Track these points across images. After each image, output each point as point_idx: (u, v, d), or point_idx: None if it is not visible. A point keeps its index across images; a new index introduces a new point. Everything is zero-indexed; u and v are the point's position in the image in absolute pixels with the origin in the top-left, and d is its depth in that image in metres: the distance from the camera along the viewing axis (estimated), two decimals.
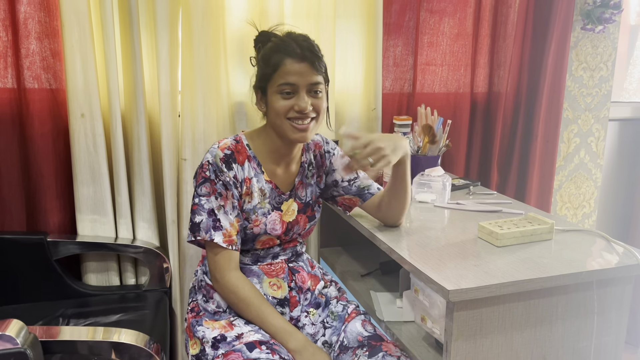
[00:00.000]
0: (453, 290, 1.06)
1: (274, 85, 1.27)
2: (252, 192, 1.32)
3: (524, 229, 1.32)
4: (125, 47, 1.83)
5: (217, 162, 1.27)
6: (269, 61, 1.28)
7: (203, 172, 1.28)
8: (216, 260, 1.28)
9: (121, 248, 1.91)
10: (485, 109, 2.36)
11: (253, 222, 1.32)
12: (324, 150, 1.49)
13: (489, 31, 2.27)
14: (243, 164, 1.31)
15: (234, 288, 1.28)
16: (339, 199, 1.53)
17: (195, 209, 1.28)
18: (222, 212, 1.27)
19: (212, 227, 1.27)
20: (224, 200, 1.27)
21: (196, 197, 1.28)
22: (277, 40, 1.31)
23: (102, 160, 1.84)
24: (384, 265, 1.84)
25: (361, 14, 2.11)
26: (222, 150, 1.29)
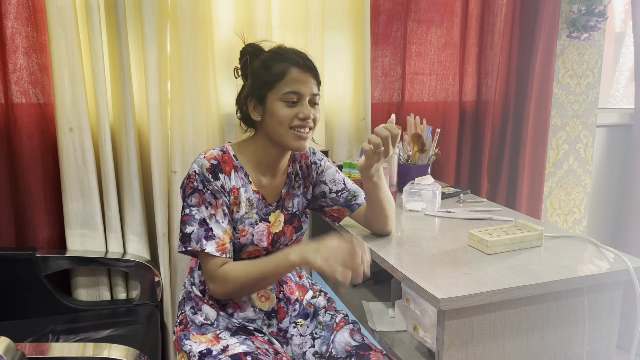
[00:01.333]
0: (444, 298, 1.06)
1: (278, 93, 1.27)
2: (240, 202, 1.32)
3: (513, 236, 1.33)
4: (113, 61, 1.83)
5: (203, 172, 1.27)
6: (270, 69, 1.28)
7: (191, 182, 1.27)
8: (210, 269, 1.26)
9: (111, 262, 1.90)
10: (474, 117, 2.37)
11: (240, 232, 1.32)
12: (311, 161, 1.49)
13: (476, 40, 2.29)
14: (230, 174, 1.31)
15: (225, 279, 1.24)
16: (328, 210, 1.53)
17: (186, 220, 1.27)
18: (214, 221, 1.27)
19: (204, 236, 1.25)
20: (214, 209, 1.27)
21: (186, 207, 1.27)
22: (277, 49, 1.32)
23: (91, 174, 1.84)
24: (376, 274, 1.83)
25: (349, 25, 2.12)
26: (208, 160, 1.28)
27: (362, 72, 2.13)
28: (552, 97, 2.43)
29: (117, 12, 1.77)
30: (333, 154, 2.21)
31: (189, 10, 1.85)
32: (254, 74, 1.31)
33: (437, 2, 2.21)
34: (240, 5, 1.95)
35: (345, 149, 2.22)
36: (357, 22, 2.11)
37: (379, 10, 2.15)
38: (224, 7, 1.96)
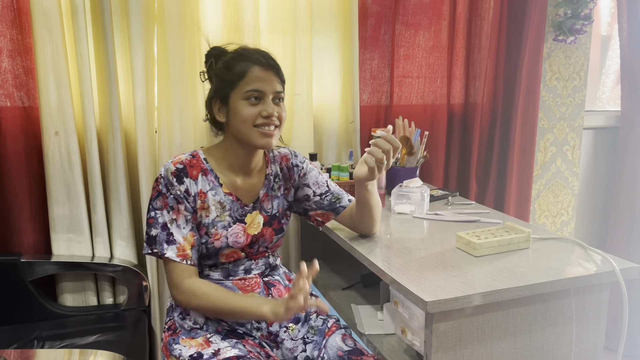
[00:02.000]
0: (431, 301, 1.05)
1: (240, 92, 1.28)
2: (209, 206, 1.31)
3: (501, 239, 1.33)
4: (99, 63, 1.81)
5: (168, 175, 1.28)
6: (232, 69, 1.29)
7: (157, 185, 1.29)
8: (172, 274, 1.27)
9: (98, 267, 1.88)
10: (462, 120, 2.38)
11: (213, 235, 1.31)
12: (292, 164, 1.48)
13: (464, 43, 2.30)
14: (196, 178, 1.31)
15: (191, 291, 1.26)
16: (312, 214, 1.52)
17: (151, 222, 1.28)
18: (175, 226, 1.27)
19: (166, 241, 1.26)
20: (175, 213, 1.27)
21: (151, 210, 1.28)
22: (240, 50, 1.33)
23: (77, 178, 1.82)
24: (365, 277, 1.83)
25: (337, 28, 2.12)
26: (174, 164, 1.29)
27: (350, 75, 2.13)
28: (539, 99, 2.45)
29: (103, 14, 1.75)
30: (322, 157, 2.21)
31: (176, 12, 1.84)
32: (217, 76, 1.32)
33: (424, 5, 2.22)
34: (228, 8, 1.94)
35: (334, 151, 2.22)
36: (345, 25, 2.11)
37: (367, 14, 2.15)
38: (211, 10, 1.95)
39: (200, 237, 1.31)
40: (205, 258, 1.35)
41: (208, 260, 1.35)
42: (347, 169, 2.01)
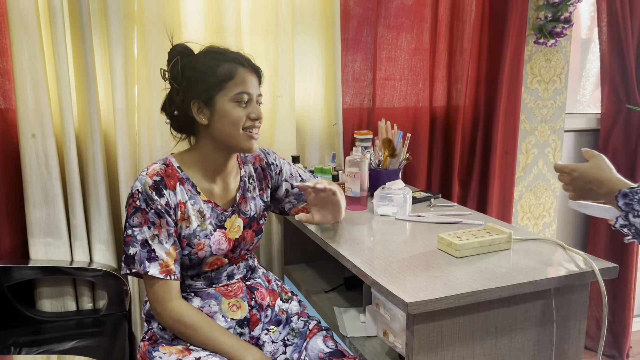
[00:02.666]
0: (412, 302, 1.05)
1: (229, 94, 1.25)
2: (189, 216, 1.27)
3: (482, 239, 1.33)
4: (77, 65, 1.78)
5: (146, 190, 1.22)
6: (215, 69, 1.25)
7: (134, 201, 1.23)
8: (155, 292, 1.23)
9: (77, 272, 1.85)
10: (445, 122, 2.39)
11: (196, 246, 1.28)
12: (267, 163, 1.47)
13: (446, 46, 2.31)
14: (175, 188, 1.26)
15: (178, 317, 1.23)
16: (293, 211, 1.52)
17: (128, 241, 1.23)
18: (157, 242, 1.23)
19: (147, 258, 1.22)
20: (157, 229, 1.23)
21: (128, 228, 1.23)
22: (219, 50, 1.30)
23: (55, 181, 1.79)
24: (349, 280, 1.82)
25: (319, 30, 2.12)
26: (150, 177, 1.24)
27: (332, 77, 2.13)
28: (521, 102, 2.47)
29: (81, 15, 1.73)
30: (304, 160, 2.20)
31: (157, 14, 1.82)
32: (193, 76, 1.26)
33: (406, 8, 2.23)
34: (209, 10, 1.93)
35: (316, 154, 2.21)
36: (327, 27, 2.11)
37: (349, 16, 2.15)
38: (192, 11, 1.93)
39: (182, 249, 1.28)
40: (188, 269, 1.32)
41: (191, 270, 1.32)
42: (329, 172, 2.01)
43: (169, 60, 1.31)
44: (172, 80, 1.29)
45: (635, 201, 1.08)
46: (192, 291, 1.34)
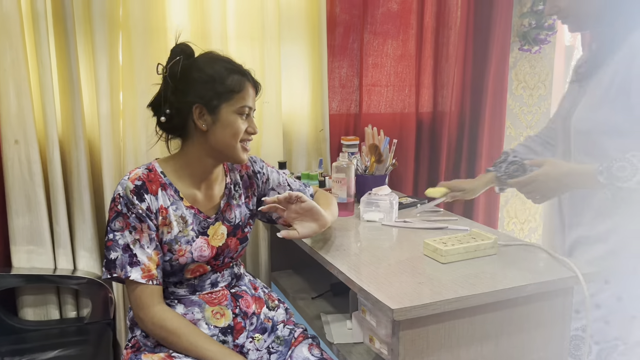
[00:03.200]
0: (397, 309, 1.05)
1: (235, 105, 1.26)
2: (170, 222, 1.26)
3: (467, 245, 1.34)
4: (61, 71, 1.77)
5: (127, 194, 1.22)
6: (225, 80, 1.25)
7: (115, 206, 1.22)
8: (137, 297, 1.22)
9: (60, 279, 1.83)
10: (431, 128, 2.40)
11: (177, 252, 1.27)
12: (253, 171, 1.47)
13: (432, 52, 2.32)
14: (156, 193, 1.26)
15: (160, 322, 1.22)
16: (281, 220, 1.51)
17: (109, 245, 1.22)
18: (138, 246, 1.22)
19: (128, 263, 1.21)
20: (139, 233, 1.22)
21: (110, 232, 1.22)
22: (225, 59, 1.29)
23: (38, 188, 1.77)
24: (335, 286, 1.82)
25: (306, 36, 2.13)
26: (132, 181, 1.23)
27: (319, 83, 2.13)
28: (506, 108, 2.49)
29: (65, 20, 1.72)
30: (291, 165, 2.20)
31: (142, 19, 1.81)
32: (200, 80, 1.24)
33: (393, 14, 2.24)
34: (195, 15, 1.93)
35: (303, 160, 2.21)
36: (313, 33, 2.11)
37: (335, 22, 2.16)
38: (178, 16, 1.93)
39: (163, 255, 1.27)
40: (170, 275, 1.30)
41: (173, 277, 1.31)
42: (316, 177, 2.01)
43: (170, 57, 1.27)
44: (170, 78, 1.26)
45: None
46: (175, 298, 1.32)
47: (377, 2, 2.21)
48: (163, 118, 1.27)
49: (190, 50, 1.28)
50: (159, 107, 1.28)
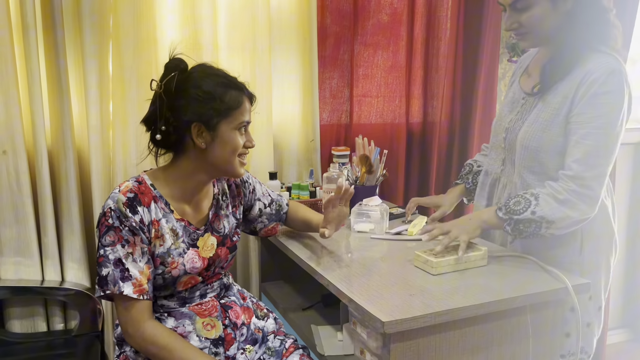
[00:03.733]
0: (388, 321, 1.05)
1: (234, 122, 1.26)
2: (163, 234, 1.25)
3: (458, 257, 1.34)
4: (51, 81, 1.76)
5: (119, 207, 1.20)
6: (224, 97, 1.24)
7: (106, 220, 1.20)
8: (127, 313, 1.20)
9: (48, 291, 1.81)
10: (421, 139, 2.41)
11: (170, 264, 1.26)
12: (240, 180, 1.47)
13: (422, 63, 2.34)
14: (149, 205, 1.24)
15: (151, 338, 1.20)
16: (263, 231, 1.55)
17: (101, 262, 1.20)
18: (131, 260, 1.20)
19: (121, 278, 1.19)
20: (131, 247, 1.20)
21: (101, 248, 1.20)
22: (219, 73, 1.28)
23: (26, 199, 1.75)
24: (326, 297, 1.81)
25: (297, 47, 2.13)
26: (124, 194, 1.21)
27: (310, 93, 2.14)
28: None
29: (55, 30, 1.71)
30: (282, 176, 2.20)
31: (132, 30, 1.81)
32: (197, 97, 1.23)
33: (383, 26, 2.25)
34: (186, 26, 1.93)
35: (294, 170, 2.21)
36: (304, 44, 2.12)
37: (326, 33, 2.17)
38: (169, 27, 1.93)
39: (155, 268, 1.25)
40: (161, 289, 1.29)
41: (164, 290, 1.29)
42: (307, 188, 2.01)
43: (165, 73, 1.25)
44: (165, 94, 1.24)
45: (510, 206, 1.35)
46: (165, 311, 1.31)
47: (368, 14, 2.23)
48: (159, 136, 1.25)
49: (184, 65, 1.26)
50: (154, 123, 1.26)
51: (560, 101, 1.36)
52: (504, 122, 1.54)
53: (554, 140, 1.37)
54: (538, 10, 1.35)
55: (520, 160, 1.45)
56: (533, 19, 1.36)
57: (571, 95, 1.34)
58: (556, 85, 1.38)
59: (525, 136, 1.42)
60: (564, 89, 1.36)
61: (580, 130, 1.32)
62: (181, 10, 1.92)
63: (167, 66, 1.25)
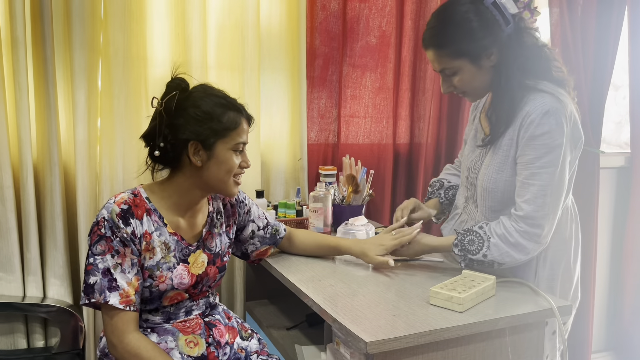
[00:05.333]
0: (371, 341, 1.05)
1: (230, 142, 1.28)
2: (154, 247, 1.26)
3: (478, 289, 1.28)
4: (39, 96, 1.76)
5: (113, 217, 1.21)
6: (222, 118, 1.27)
7: (99, 229, 1.21)
8: (113, 323, 1.20)
9: (29, 307, 1.78)
10: (408, 159, 2.43)
11: (158, 278, 1.26)
12: (237, 200, 1.48)
13: (409, 85, 2.37)
14: (142, 218, 1.26)
15: (135, 350, 1.20)
16: (255, 254, 1.55)
17: (89, 270, 1.21)
18: (119, 271, 1.21)
19: (108, 287, 1.19)
20: (121, 258, 1.21)
21: (91, 256, 1.21)
22: (220, 94, 1.30)
23: (10, 213, 1.74)
24: (310, 317, 1.81)
25: (286, 67, 2.15)
26: (118, 205, 1.23)
27: (298, 113, 2.16)
28: None
29: (44, 46, 1.71)
30: (269, 194, 2.20)
31: (122, 47, 1.82)
32: (196, 117, 1.26)
33: (371, 48, 2.29)
34: (176, 44, 1.94)
35: (281, 189, 2.21)
36: (293, 64, 2.14)
37: (315, 54, 2.19)
38: (159, 45, 1.94)
39: (143, 281, 1.26)
40: (147, 302, 1.29)
41: (150, 304, 1.29)
42: (293, 207, 2.01)
43: (166, 92, 1.28)
44: (165, 112, 1.26)
45: (465, 244, 1.42)
46: (148, 327, 1.31)
47: (357, 36, 2.26)
48: (157, 152, 1.27)
49: (185, 85, 1.29)
50: (153, 139, 1.29)
51: (507, 144, 1.41)
52: (467, 161, 1.59)
53: (508, 181, 1.42)
54: (465, 73, 1.40)
55: (482, 200, 1.49)
56: (463, 82, 1.42)
57: (515, 137, 1.39)
58: (502, 134, 1.42)
59: (484, 178, 1.47)
60: (510, 132, 1.40)
61: (524, 172, 1.37)
62: (171, 28, 1.94)
63: (168, 85, 1.29)
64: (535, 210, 1.34)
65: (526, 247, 1.35)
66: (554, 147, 1.33)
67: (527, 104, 1.37)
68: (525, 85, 1.39)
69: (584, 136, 1.42)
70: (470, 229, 1.42)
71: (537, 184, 1.34)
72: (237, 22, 2.00)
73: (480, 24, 1.35)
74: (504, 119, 1.41)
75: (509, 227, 1.36)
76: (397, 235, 1.52)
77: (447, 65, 1.40)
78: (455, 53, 1.38)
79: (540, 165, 1.34)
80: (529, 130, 1.34)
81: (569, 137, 1.36)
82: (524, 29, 1.39)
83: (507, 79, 1.38)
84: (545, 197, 1.34)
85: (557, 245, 1.46)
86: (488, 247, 1.37)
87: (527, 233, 1.34)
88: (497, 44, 1.37)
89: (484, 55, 1.38)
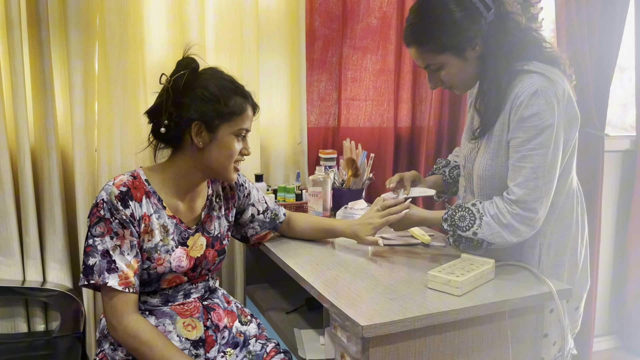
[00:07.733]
0: (367, 325, 1.04)
1: (234, 127, 1.28)
2: (152, 230, 1.26)
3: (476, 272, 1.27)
4: (35, 79, 1.75)
5: (112, 199, 1.21)
6: (228, 101, 1.26)
7: (97, 211, 1.22)
8: (112, 304, 1.21)
9: (29, 292, 1.79)
10: (409, 143, 2.41)
11: (156, 260, 1.26)
12: (237, 183, 1.48)
13: (411, 67, 2.34)
14: (141, 200, 1.26)
15: (134, 332, 1.20)
16: (254, 238, 1.54)
17: (88, 251, 1.21)
18: (118, 253, 1.21)
19: (107, 269, 1.19)
20: (120, 239, 1.21)
21: (90, 238, 1.21)
22: (228, 78, 1.30)
23: (8, 197, 1.74)
24: (310, 300, 1.80)
25: (285, 49, 2.13)
26: (117, 187, 1.23)
27: (298, 96, 2.13)
28: None
29: (40, 28, 1.70)
30: (269, 178, 2.19)
31: (119, 29, 1.80)
32: (202, 97, 1.25)
33: (372, 29, 2.25)
34: (173, 26, 1.92)
35: (281, 172, 2.20)
36: (292, 46, 2.11)
37: (314, 36, 2.16)
38: (156, 27, 1.92)
39: (142, 263, 1.26)
40: (145, 285, 1.29)
41: (148, 287, 1.30)
42: (293, 190, 2.00)
43: (176, 70, 1.28)
44: (172, 90, 1.26)
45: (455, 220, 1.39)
46: (146, 309, 1.31)
47: (357, 17, 2.23)
48: (163, 129, 1.27)
49: (196, 65, 1.29)
50: (158, 116, 1.28)
51: (500, 128, 1.38)
52: (464, 149, 1.56)
53: (504, 166, 1.39)
54: (451, 67, 1.37)
55: (479, 189, 1.47)
56: (450, 76, 1.39)
57: (506, 120, 1.36)
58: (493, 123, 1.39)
59: (480, 166, 1.44)
60: (501, 116, 1.37)
61: (515, 154, 1.34)
62: (168, 10, 1.91)
63: (179, 63, 1.29)
64: (527, 194, 1.31)
65: (518, 229, 1.33)
66: (544, 128, 1.29)
67: (516, 86, 1.33)
68: (513, 69, 1.35)
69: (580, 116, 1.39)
70: (463, 205, 1.40)
71: (528, 167, 1.31)
72: (235, 3, 1.97)
73: (462, 14, 1.31)
74: (493, 107, 1.37)
75: (502, 209, 1.33)
76: (384, 213, 1.49)
77: (432, 61, 1.38)
78: (439, 48, 1.35)
79: (530, 147, 1.31)
80: (518, 112, 1.31)
81: (561, 117, 1.32)
82: (504, 14, 1.35)
83: (493, 67, 1.35)
84: (537, 180, 1.31)
85: (562, 231, 1.43)
86: (480, 225, 1.35)
87: (520, 216, 1.32)
88: (481, 33, 1.33)
89: (469, 47, 1.34)
